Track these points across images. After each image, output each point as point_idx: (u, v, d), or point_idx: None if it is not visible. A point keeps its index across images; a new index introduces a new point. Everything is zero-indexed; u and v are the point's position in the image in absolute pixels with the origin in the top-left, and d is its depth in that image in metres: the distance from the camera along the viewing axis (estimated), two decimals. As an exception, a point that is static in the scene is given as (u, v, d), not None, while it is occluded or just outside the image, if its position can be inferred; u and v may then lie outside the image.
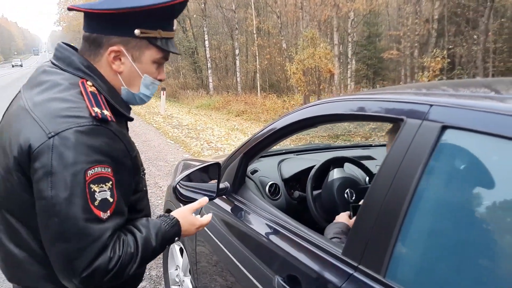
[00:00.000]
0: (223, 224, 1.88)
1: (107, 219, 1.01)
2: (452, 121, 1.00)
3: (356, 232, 1.16)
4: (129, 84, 1.16)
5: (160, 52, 1.15)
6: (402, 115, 1.13)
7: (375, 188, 1.13)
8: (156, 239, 1.13)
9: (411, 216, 1.01)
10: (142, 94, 1.20)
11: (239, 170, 1.92)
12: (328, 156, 2.21)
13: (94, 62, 1.12)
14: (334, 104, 1.43)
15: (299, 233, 1.42)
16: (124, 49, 1.11)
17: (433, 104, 1.07)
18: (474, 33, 14.79)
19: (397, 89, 1.38)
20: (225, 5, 23.29)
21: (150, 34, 1.10)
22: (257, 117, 13.79)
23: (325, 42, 14.15)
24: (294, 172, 2.19)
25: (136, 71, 1.14)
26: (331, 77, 15.04)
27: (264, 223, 1.63)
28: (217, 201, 1.96)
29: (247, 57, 25.61)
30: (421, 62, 14.46)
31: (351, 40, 18.89)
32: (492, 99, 1.05)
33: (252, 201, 1.81)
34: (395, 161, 1.09)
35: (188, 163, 2.69)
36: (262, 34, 23.16)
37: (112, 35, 1.09)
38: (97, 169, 0.99)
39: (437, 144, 1.01)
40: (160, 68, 1.20)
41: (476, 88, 1.25)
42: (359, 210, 1.17)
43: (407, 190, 1.02)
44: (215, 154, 7.48)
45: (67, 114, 1.00)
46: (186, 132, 10.56)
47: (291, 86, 18.68)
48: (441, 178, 1.01)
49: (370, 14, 21.39)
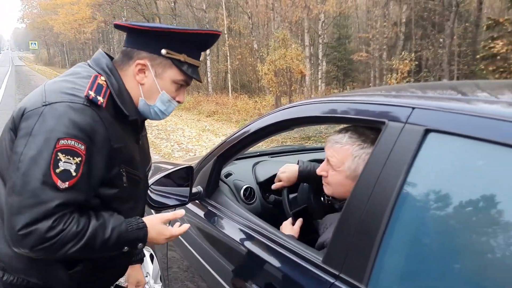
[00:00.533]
0: (196, 230, 1.81)
1: (63, 189, 1.07)
2: (435, 125, 0.97)
3: (337, 240, 1.12)
4: (147, 96, 1.28)
5: (181, 75, 1.27)
6: (384, 118, 1.10)
7: (356, 193, 1.09)
8: (110, 233, 1.17)
9: (394, 223, 0.98)
10: (157, 108, 1.30)
11: (213, 173, 1.85)
12: (303, 158, 2.17)
13: (122, 70, 1.27)
14: (313, 106, 1.39)
15: (277, 239, 1.37)
16: (149, 64, 1.24)
17: (415, 107, 1.04)
18: (440, 37, 15.22)
19: (378, 91, 1.35)
20: (196, 4, 23.09)
21: (175, 56, 1.24)
22: (229, 117, 13.70)
23: (296, 43, 14.20)
24: (269, 175, 2.14)
25: (156, 86, 1.26)
26: (302, 78, 15.13)
27: (239, 229, 1.57)
28: (189, 206, 1.89)
29: (218, 57, 25.46)
30: (389, 64, 14.76)
31: (321, 41, 19.06)
32: (476, 102, 1.03)
33: (226, 206, 1.75)
34: (377, 165, 1.05)
35: (158, 166, 2.60)
36: (233, 34, 23.06)
37: (142, 51, 1.24)
38: (70, 141, 1.08)
39: (420, 148, 0.98)
40: (180, 91, 1.32)
41: (458, 90, 1.24)
42: (340, 216, 1.13)
43: (389, 196, 0.99)
44: (188, 156, 7.35)
45: (67, 92, 1.13)
46: (155, 133, 10.37)
47: (262, 86, 18.68)
48: (425, 184, 0.98)
49: (340, 17, 21.67)
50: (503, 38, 10.46)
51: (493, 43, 10.47)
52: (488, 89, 1.22)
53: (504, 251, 0.80)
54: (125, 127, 1.26)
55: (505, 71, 9.95)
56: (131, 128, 1.30)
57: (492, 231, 0.85)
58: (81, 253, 1.13)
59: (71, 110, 1.10)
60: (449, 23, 13.47)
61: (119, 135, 1.22)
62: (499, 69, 10.20)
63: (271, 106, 14.50)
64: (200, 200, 1.87)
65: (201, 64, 1.35)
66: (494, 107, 0.94)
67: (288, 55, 12.52)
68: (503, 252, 0.80)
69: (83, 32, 30.77)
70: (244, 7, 20.99)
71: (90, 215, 1.17)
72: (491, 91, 1.17)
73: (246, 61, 22.10)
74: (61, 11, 31.10)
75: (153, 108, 1.30)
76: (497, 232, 0.83)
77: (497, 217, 0.83)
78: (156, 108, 1.30)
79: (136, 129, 1.34)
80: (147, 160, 1.50)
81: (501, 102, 1.00)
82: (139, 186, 1.37)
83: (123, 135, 1.24)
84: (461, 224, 0.91)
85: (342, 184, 1.38)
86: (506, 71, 9.92)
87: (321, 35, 18.77)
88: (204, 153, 2.12)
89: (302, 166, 1.82)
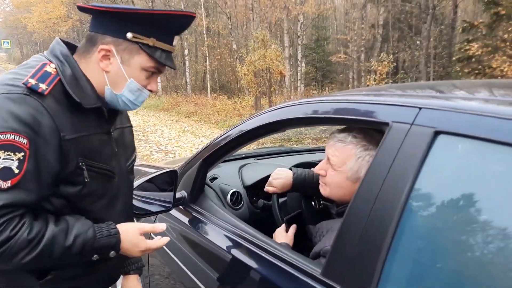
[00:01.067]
0: (181, 238, 1.71)
1: (6, 189, 0.98)
2: (445, 126, 0.90)
3: (337, 249, 1.04)
4: (114, 85, 1.17)
5: (151, 61, 1.16)
6: (387, 119, 1.02)
7: (358, 201, 1.01)
8: (73, 240, 1.07)
9: (402, 231, 0.91)
10: (125, 98, 1.18)
11: (198, 177, 1.76)
12: (291, 160, 2.10)
13: (85, 57, 1.16)
14: (307, 106, 1.30)
15: (269, 249, 1.28)
16: (114, 50, 1.13)
17: (422, 106, 0.97)
18: (417, 39, 15.45)
19: (379, 90, 1.28)
20: (174, 4, 22.80)
21: (143, 40, 1.13)
22: (208, 118, 13.56)
23: (276, 44, 14.16)
24: (257, 178, 2.05)
25: (122, 73, 1.15)
26: (282, 79, 15.11)
27: (227, 236, 1.48)
28: (173, 212, 1.79)
29: (197, 57, 25.24)
30: (367, 66, 14.90)
31: (300, 43, 19.11)
32: (490, 101, 0.96)
33: (212, 212, 1.66)
34: (381, 171, 0.98)
35: (139, 169, 2.48)
36: (212, 34, 22.90)
37: (106, 35, 1.13)
38: (9, 135, 0.98)
39: (429, 151, 0.91)
40: (151, 78, 1.20)
41: (466, 89, 1.17)
42: (341, 223, 1.04)
43: (396, 202, 0.92)
44: (169, 159, 7.18)
45: (7, 83, 1.04)
46: (134, 134, 10.13)
47: (242, 87, 18.60)
48: (435, 191, 0.90)
49: (318, 18, 21.79)
50: (478, 41, 10.68)
51: (468, 45, 10.68)
52: (501, 88, 1.16)
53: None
54: (85, 116, 1.14)
55: (480, 73, 10.14)
56: (96, 117, 1.18)
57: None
58: (39, 263, 1.04)
59: (9, 101, 1.00)
60: (426, 26, 13.67)
61: (74, 125, 1.11)
62: (474, 71, 10.40)
63: (251, 107, 14.43)
64: (184, 205, 1.77)
65: (175, 49, 1.23)
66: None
67: (267, 56, 12.47)
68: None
69: (58, 31, 30.03)
70: (223, 7, 20.86)
71: (47, 219, 1.07)
72: (504, 91, 1.11)
73: (225, 62, 21.97)
74: (35, 9, 30.25)
75: (121, 98, 1.19)
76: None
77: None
78: (124, 97, 1.18)
79: (103, 119, 1.21)
80: (128, 153, 1.37)
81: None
82: (113, 181, 1.25)
83: (80, 125, 1.13)
84: (477, 234, 0.83)
85: (341, 186, 1.29)
86: (481, 73, 10.12)
87: (300, 36, 18.84)
88: (184, 155, 2.01)
89: (297, 173, 1.71)
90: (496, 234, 0.80)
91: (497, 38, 10.27)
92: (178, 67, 25.75)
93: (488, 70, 9.80)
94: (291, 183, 1.69)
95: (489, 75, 9.68)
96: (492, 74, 9.62)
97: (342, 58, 17.45)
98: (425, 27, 13.67)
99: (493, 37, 10.52)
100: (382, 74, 12.22)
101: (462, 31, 11.60)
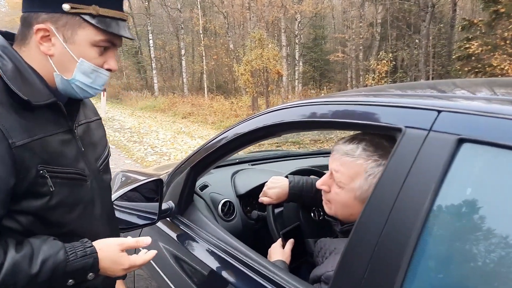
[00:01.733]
0: (168, 255, 1.55)
1: None
2: (471, 133, 0.74)
3: (343, 274, 0.89)
4: (62, 69, 1.00)
5: (99, 34, 0.98)
6: (400, 124, 0.87)
7: (365, 221, 0.86)
8: (40, 267, 0.92)
9: (419, 258, 0.75)
10: (78, 82, 1.01)
11: (186, 186, 1.60)
12: (288, 165, 1.94)
13: (24, 44, 1.00)
14: (307, 108, 1.14)
15: (263, 271, 1.13)
16: (53, 28, 0.96)
17: (441, 109, 0.82)
18: (415, 38, 15.33)
19: (389, 89, 1.12)
20: (170, 3, 22.64)
21: (83, 10, 0.95)
22: (205, 119, 13.41)
23: (273, 43, 14.02)
24: (251, 186, 1.89)
25: (69, 54, 0.98)
26: (279, 79, 14.96)
27: (217, 255, 1.33)
28: (159, 224, 1.63)
29: (194, 57, 25.10)
30: (366, 64, 14.78)
31: (298, 42, 18.98)
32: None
33: (202, 225, 1.50)
34: (393, 185, 0.82)
35: (127, 175, 2.32)
36: (209, 34, 22.77)
37: (40, 12, 0.96)
38: None
39: (452, 162, 0.75)
40: (107, 55, 1.03)
41: (488, 89, 1.01)
42: (346, 246, 0.89)
43: (412, 224, 0.76)
44: (163, 163, 7.01)
45: None
46: (128, 135, 10.00)
47: (238, 87, 18.46)
48: (459, 209, 0.75)
49: (316, 17, 21.67)
50: (478, 39, 10.56)
51: (468, 43, 10.56)
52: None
53: None
54: (38, 115, 0.99)
55: (480, 72, 10.02)
56: (52, 115, 1.02)
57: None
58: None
59: None
60: (425, 24, 13.54)
61: (24, 127, 0.94)
62: (474, 69, 10.29)
63: (248, 107, 14.29)
64: (171, 217, 1.61)
65: (127, 16, 1.05)
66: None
67: (265, 55, 12.34)
68: None
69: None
70: (219, 7, 20.74)
71: (7, 244, 0.92)
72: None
73: (222, 62, 21.86)
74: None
75: (74, 83, 1.01)
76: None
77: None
78: (78, 82, 1.01)
79: (61, 115, 1.05)
80: (98, 151, 1.20)
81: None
82: (85, 185, 1.08)
83: (33, 126, 0.96)
84: (508, 260, 0.68)
85: (349, 206, 1.11)
86: (481, 71, 10.00)
87: (298, 36, 18.71)
88: (179, 157, 1.85)
89: (293, 182, 1.54)
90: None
91: (497, 36, 10.16)
92: (175, 67, 25.60)
93: (488, 69, 9.69)
94: (288, 193, 1.53)
95: (489, 73, 9.57)
96: (492, 73, 9.51)
97: (340, 57, 17.34)
98: (424, 26, 13.55)
99: (493, 35, 10.42)
100: (381, 73, 12.11)
101: (462, 29, 11.50)
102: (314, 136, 9.07)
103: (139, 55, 25.25)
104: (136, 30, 24.78)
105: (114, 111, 16.18)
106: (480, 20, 10.86)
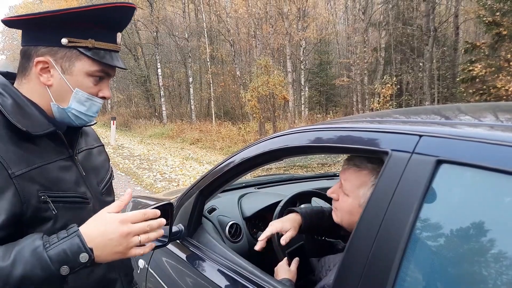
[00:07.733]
0: (178, 275, 1.63)
1: None
2: (448, 155, 0.84)
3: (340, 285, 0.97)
4: (59, 98, 1.06)
5: (95, 64, 1.05)
6: (386, 147, 0.96)
7: (359, 235, 0.95)
8: (14, 257, 0.87)
9: (406, 267, 0.84)
10: (74, 110, 1.07)
11: (195, 209, 1.69)
12: (293, 189, 2.02)
13: (24, 77, 1.06)
14: (305, 134, 1.25)
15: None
16: (52, 60, 1.02)
17: (422, 134, 0.91)
18: (419, 61, 15.50)
19: (378, 116, 1.22)
20: (178, 33, 23.20)
21: (80, 44, 1.02)
22: (213, 145, 13.55)
23: (279, 69, 14.28)
24: (257, 209, 1.98)
25: (65, 84, 1.04)
26: (285, 104, 15.15)
27: (225, 274, 1.40)
28: (170, 247, 1.71)
29: (201, 84, 25.47)
30: (371, 88, 14.92)
31: (303, 67, 19.27)
32: (493, 127, 0.90)
33: (210, 246, 1.58)
34: (382, 202, 0.91)
35: (138, 201, 2.42)
36: (216, 62, 23.18)
37: (40, 45, 1.02)
38: None
39: (432, 182, 0.85)
40: (101, 84, 1.09)
41: (469, 115, 1.11)
42: (340, 261, 0.97)
43: (399, 237, 0.85)
44: (172, 188, 7.11)
45: None
46: (138, 163, 10.12)
47: (246, 113, 18.66)
48: (439, 223, 0.84)
49: (320, 43, 22.04)
50: (481, 61, 10.68)
51: (472, 66, 10.68)
52: (507, 112, 1.10)
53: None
54: (38, 145, 1.04)
55: (485, 93, 10.10)
56: (52, 143, 1.07)
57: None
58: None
59: None
60: (428, 47, 13.73)
61: (23, 157, 0.99)
62: (478, 91, 10.36)
63: (255, 132, 14.42)
64: (181, 239, 1.69)
65: (120, 47, 1.11)
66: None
67: (271, 81, 12.54)
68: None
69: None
70: (226, 35, 21.17)
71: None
72: (510, 115, 1.05)
73: (229, 88, 22.16)
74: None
75: (70, 111, 1.06)
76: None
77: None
78: (73, 110, 1.06)
79: (61, 143, 1.09)
80: (101, 175, 1.24)
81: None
82: (87, 207, 1.12)
83: (32, 156, 1.01)
84: (484, 267, 0.77)
85: (352, 212, 1.22)
86: (485, 93, 10.07)
87: (303, 61, 19.00)
88: (187, 183, 1.94)
89: (304, 219, 1.52)
90: (504, 266, 0.73)
91: (500, 58, 10.27)
92: (183, 95, 25.96)
93: (492, 90, 9.76)
94: (302, 222, 1.52)
95: (494, 95, 9.63)
96: (497, 94, 9.57)
97: (345, 81, 17.53)
98: (427, 49, 13.72)
99: (496, 57, 10.53)
100: (386, 96, 12.21)
101: (465, 52, 11.64)
102: (321, 160, 9.13)
103: (148, 84, 25.69)
104: (144, 59, 25.33)
105: (124, 139, 16.39)
106: (483, 43, 11.00)
